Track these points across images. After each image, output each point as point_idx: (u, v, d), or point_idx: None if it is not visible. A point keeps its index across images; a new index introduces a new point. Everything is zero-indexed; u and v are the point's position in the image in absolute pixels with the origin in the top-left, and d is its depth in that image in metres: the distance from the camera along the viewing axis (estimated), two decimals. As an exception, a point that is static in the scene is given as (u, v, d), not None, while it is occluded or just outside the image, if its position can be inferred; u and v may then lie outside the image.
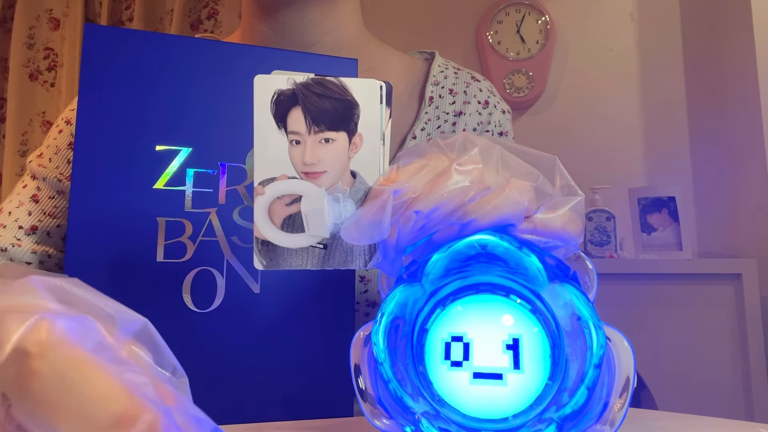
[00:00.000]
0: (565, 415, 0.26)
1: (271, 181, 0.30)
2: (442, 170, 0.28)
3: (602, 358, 0.26)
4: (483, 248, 0.28)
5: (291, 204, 0.30)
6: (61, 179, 0.56)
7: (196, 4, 2.22)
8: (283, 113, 0.29)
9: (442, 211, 0.27)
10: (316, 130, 0.29)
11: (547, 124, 1.96)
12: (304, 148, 0.29)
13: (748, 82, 1.63)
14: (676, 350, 1.48)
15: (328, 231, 0.29)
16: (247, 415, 0.41)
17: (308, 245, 0.30)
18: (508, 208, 0.28)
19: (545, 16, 1.98)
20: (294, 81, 0.29)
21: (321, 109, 0.29)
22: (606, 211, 1.63)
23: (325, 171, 0.30)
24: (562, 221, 0.29)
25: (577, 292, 0.27)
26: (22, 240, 0.54)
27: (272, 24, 0.59)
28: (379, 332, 0.29)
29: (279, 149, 0.29)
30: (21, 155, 2.22)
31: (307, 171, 0.30)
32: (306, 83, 0.29)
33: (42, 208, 0.56)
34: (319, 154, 0.30)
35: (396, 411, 0.29)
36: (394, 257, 0.29)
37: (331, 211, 0.29)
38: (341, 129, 0.30)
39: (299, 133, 0.29)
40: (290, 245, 0.30)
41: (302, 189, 0.30)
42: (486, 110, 0.64)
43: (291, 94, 0.29)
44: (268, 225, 0.30)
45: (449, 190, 0.27)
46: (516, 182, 0.29)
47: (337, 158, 0.30)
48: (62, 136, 0.59)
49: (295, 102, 0.29)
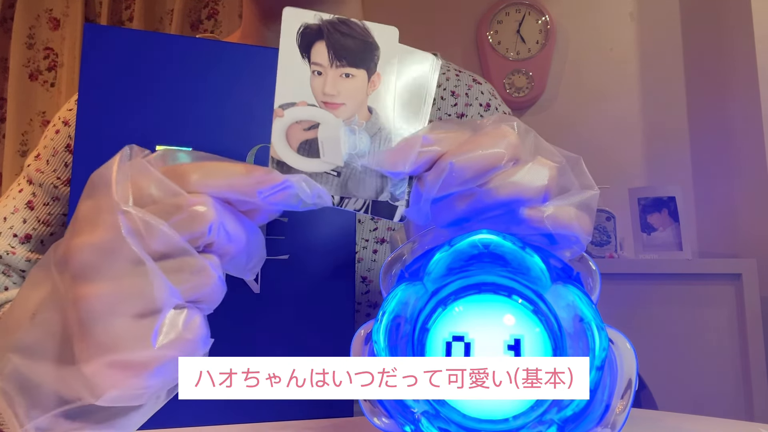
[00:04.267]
0: (566, 417, 0.26)
1: (291, 106, 0.31)
2: (481, 132, 0.29)
3: (604, 360, 0.26)
4: (486, 248, 0.28)
5: (309, 129, 0.31)
6: (58, 185, 0.56)
7: (196, 4, 2.22)
8: (308, 44, 0.31)
9: (471, 171, 0.28)
10: (338, 65, 0.31)
11: (547, 124, 1.96)
12: (325, 79, 0.31)
13: (749, 82, 1.63)
14: (676, 350, 1.48)
15: (343, 159, 0.30)
16: (247, 415, 0.41)
17: (322, 171, 0.30)
18: (528, 183, 0.28)
19: (545, 16, 1.97)
20: (321, 17, 0.31)
21: (344, 46, 0.31)
22: (606, 211, 1.63)
23: (344, 103, 0.31)
24: (574, 213, 0.29)
25: (581, 294, 0.27)
26: (16, 248, 0.55)
27: (275, 28, 0.58)
28: (380, 330, 0.28)
29: (301, 77, 0.30)
30: (21, 155, 2.22)
31: (326, 101, 0.31)
32: (332, 21, 0.31)
33: (37, 216, 0.56)
34: (339, 87, 0.31)
35: (396, 410, 0.28)
36: (422, 205, 0.30)
37: (347, 140, 0.30)
38: (361, 66, 0.31)
39: (322, 65, 0.31)
40: (305, 169, 0.30)
41: (321, 116, 0.31)
42: (488, 113, 0.65)
43: (317, 29, 0.31)
44: (285, 147, 0.30)
45: (484, 152, 0.28)
46: (540, 159, 0.29)
47: (356, 93, 0.31)
48: (59, 137, 0.58)
49: (320, 36, 0.31)
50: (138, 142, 0.41)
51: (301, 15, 0.30)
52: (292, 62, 0.30)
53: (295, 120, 0.30)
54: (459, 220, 0.29)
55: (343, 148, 0.30)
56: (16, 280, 0.55)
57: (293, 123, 0.30)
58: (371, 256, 0.56)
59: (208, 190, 0.27)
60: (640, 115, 1.94)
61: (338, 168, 0.30)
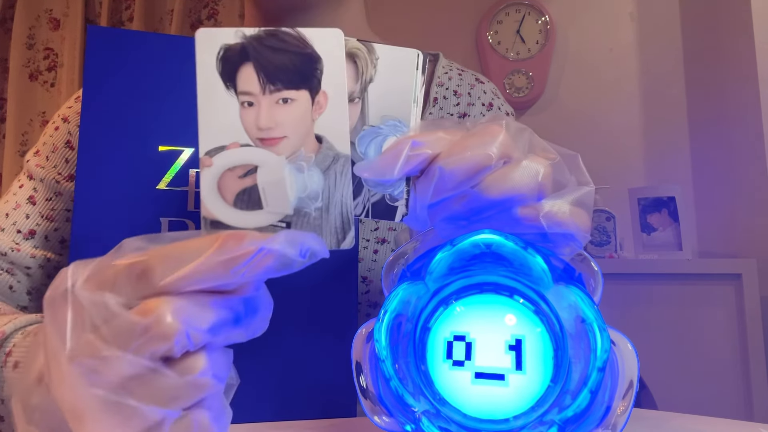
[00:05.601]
0: (566, 418, 0.26)
1: (221, 151, 0.25)
2: (469, 133, 0.28)
3: (606, 361, 0.26)
4: (488, 248, 0.28)
5: (245, 176, 0.26)
6: (59, 180, 0.56)
7: (196, 4, 2.22)
8: (232, 71, 0.25)
9: (461, 173, 0.27)
10: (272, 89, 0.25)
11: (547, 124, 1.96)
12: (258, 111, 0.25)
13: (749, 82, 1.63)
14: (676, 350, 1.48)
15: (291, 206, 0.25)
16: (247, 415, 0.41)
17: (268, 224, 0.25)
18: (521, 181, 0.27)
19: (545, 16, 1.97)
20: (243, 34, 0.25)
21: (276, 65, 0.25)
22: (606, 211, 1.63)
23: (285, 136, 0.26)
24: (569, 210, 0.28)
25: (582, 294, 0.27)
26: (20, 244, 0.54)
27: None
28: (381, 329, 0.28)
29: (228, 113, 0.25)
30: (21, 155, 2.21)
31: (262, 137, 0.26)
32: (257, 35, 0.25)
33: (39, 211, 0.56)
34: (276, 117, 0.26)
35: (396, 409, 0.28)
36: (419, 212, 0.29)
37: (294, 182, 0.26)
38: (302, 87, 0.26)
39: (252, 94, 0.25)
40: (246, 225, 0.25)
41: (258, 158, 0.25)
42: (490, 113, 0.65)
43: (240, 49, 0.25)
44: (218, 202, 0.25)
45: (473, 153, 0.27)
46: (534, 157, 0.28)
47: (299, 120, 0.26)
48: (59, 134, 0.58)
49: (246, 58, 0.25)
50: (141, 142, 0.42)
51: (218, 35, 0.25)
52: (215, 97, 0.25)
53: (227, 167, 0.25)
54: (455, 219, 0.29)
55: (291, 191, 0.25)
56: (20, 279, 0.55)
57: (225, 171, 0.25)
58: (372, 256, 0.56)
59: (174, 286, 0.23)
60: (640, 115, 1.94)
61: (287, 217, 0.26)
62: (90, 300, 0.23)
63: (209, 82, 0.25)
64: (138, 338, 0.22)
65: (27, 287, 0.55)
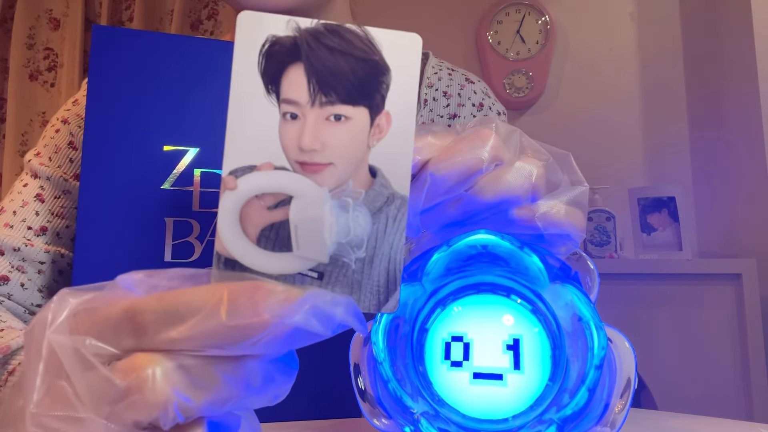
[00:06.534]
0: (565, 416, 0.26)
1: (249, 171, 0.20)
2: (460, 137, 0.28)
3: (603, 359, 0.26)
4: (484, 248, 0.28)
5: (275, 207, 0.21)
6: (67, 178, 0.56)
7: (196, 4, 2.22)
8: (277, 71, 0.20)
9: (452, 178, 0.27)
10: (323, 101, 0.21)
11: (546, 125, 1.96)
12: (302, 126, 0.20)
13: (749, 82, 1.63)
14: (676, 350, 1.48)
15: (328, 253, 0.20)
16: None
17: (295, 272, 0.20)
18: (514, 183, 0.27)
19: (545, 16, 1.97)
20: (297, 25, 0.20)
21: (334, 71, 0.20)
22: (606, 211, 1.63)
23: (331, 163, 0.21)
24: (565, 210, 0.28)
25: (579, 293, 0.27)
26: (33, 240, 0.54)
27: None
28: (378, 331, 0.28)
29: (265, 124, 0.20)
30: (21, 155, 2.21)
31: (304, 160, 0.21)
32: (314, 29, 0.20)
33: (49, 208, 0.55)
34: (323, 137, 0.21)
35: (395, 411, 0.28)
36: (411, 219, 0.28)
37: (335, 223, 0.20)
38: (361, 103, 0.21)
39: (297, 104, 0.21)
40: (267, 270, 0.20)
41: (294, 186, 0.20)
42: (480, 113, 0.64)
43: (291, 45, 0.20)
44: (238, 236, 0.20)
45: (463, 158, 0.26)
46: (526, 158, 0.28)
47: (351, 145, 0.21)
48: (60, 135, 0.58)
49: (296, 56, 0.20)
50: (145, 142, 0.42)
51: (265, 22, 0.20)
52: (251, 100, 0.20)
53: (255, 193, 0.20)
54: (450, 225, 0.29)
55: (329, 234, 0.20)
56: (31, 276, 0.54)
57: (251, 198, 0.20)
58: None
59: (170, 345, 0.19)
60: (640, 115, 1.94)
61: (320, 266, 0.20)
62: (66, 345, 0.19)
63: (247, 81, 0.20)
64: (116, 402, 0.18)
65: (38, 285, 0.55)
